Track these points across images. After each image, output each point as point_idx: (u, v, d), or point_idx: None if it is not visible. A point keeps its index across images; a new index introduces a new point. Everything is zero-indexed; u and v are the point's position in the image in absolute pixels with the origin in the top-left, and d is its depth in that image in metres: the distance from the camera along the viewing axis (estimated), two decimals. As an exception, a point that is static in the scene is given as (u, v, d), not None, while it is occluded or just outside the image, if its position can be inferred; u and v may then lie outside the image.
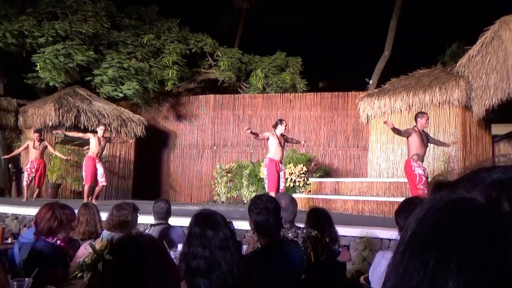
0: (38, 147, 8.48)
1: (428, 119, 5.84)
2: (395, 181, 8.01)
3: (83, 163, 7.71)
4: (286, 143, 6.84)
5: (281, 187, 6.51)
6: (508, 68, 6.97)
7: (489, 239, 0.31)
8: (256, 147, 11.19)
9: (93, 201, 6.89)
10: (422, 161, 5.71)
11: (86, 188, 7.52)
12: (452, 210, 0.35)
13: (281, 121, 6.75)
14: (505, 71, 7.03)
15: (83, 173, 7.63)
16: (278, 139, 6.55)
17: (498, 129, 8.92)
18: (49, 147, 8.68)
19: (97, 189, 7.64)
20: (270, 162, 6.44)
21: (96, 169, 7.52)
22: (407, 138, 5.74)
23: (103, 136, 7.71)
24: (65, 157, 9.01)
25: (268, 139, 6.60)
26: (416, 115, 5.97)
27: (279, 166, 6.52)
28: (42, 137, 8.70)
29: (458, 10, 14.17)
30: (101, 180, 7.58)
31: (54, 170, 9.91)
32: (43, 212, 2.57)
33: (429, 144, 5.94)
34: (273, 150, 6.52)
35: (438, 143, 6.36)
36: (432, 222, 0.35)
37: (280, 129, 6.62)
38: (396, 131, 5.77)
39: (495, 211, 0.32)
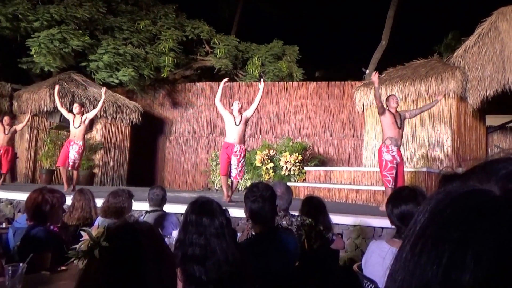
0: (7, 133, 8.23)
1: (394, 98, 5.65)
2: (389, 170, 8.05)
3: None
4: (245, 123, 6.15)
5: (233, 174, 6.01)
6: (504, 60, 6.99)
7: (507, 233, 0.30)
8: (252, 135, 11.20)
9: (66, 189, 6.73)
10: (397, 145, 5.52)
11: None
12: (467, 202, 0.33)
13: (236, 102, 6.26)
14: (501, 63, 7.05)
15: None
16: (234, 118, 6.04)
17: (492, 120, 8.97)
18: (19, 126, 8.45)
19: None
20: (223, 146, 6.11)
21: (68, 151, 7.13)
22: (380, 116, 5.58)
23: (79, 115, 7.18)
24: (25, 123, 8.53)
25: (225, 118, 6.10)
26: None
27: (232, 149, 5.99)
28: (12, 122, 8.51)
29: (455, 0, 14.10)
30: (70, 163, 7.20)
31: (48, 156, 9.88)
32: (34, 197, 2.57)
33: (404, 125, 5.67)
34: (227, 131, 6.09)
35: (424, 108, 5.94)
36: (445, 214, 0.33)
37: (234, 107, 6.13)
38: (377, 94, 5.48)
39: None
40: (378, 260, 2.11)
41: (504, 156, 0.36)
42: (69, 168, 7.29)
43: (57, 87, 7.77)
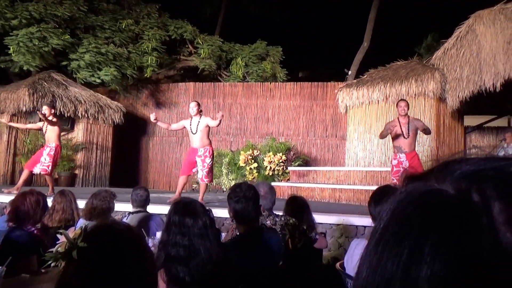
0: None
1: (401, 105, 5.64)
2: (371, 170, 8.20)
3: (50, 152, 6.67)
4: (206, 128, 5.97)
5: (199, 176, 6.02)
6: (481, 61, 7.19)
7: (460, 230, 0.32)
8: (235, 136, 11.20)
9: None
10: (403, 152, 5.56)
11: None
12: (424, 201, 0.35)
13: (191, 103, 6.08)
14: (478, 64, 7.25)
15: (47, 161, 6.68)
16: (190, 125, 5.97)
17: (470, 120, 9.20)
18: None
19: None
20: (189, 150, 6.16)
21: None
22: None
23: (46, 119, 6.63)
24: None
25: (184, 127, 6.14)
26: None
27: (196, 153, 5.98)
28: None
29: (434, 2, 14.42)
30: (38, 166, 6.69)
31: (28, 157, 9.65)
32: (27, 200, 2.53)
33: (416, 131, 5.61)
34: (189, 137, 6.14)
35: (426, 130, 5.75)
36: (405, 213, 0.35)
37: (190, 112, 5.99)
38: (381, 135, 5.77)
39: (465, 202, 0.33)
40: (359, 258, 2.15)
41: (460, 157, 0.38)
42: (42, 173, 6.78)
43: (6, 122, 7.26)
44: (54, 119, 6.78)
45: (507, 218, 0.31)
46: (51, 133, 6.79)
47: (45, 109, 6.62)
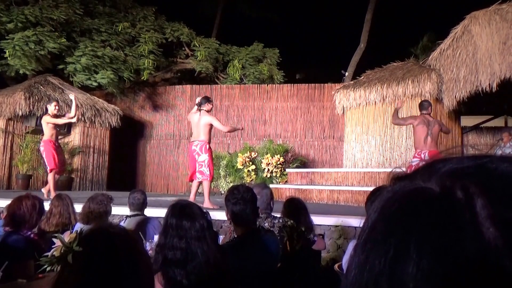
0: None
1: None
2: (369, 171, 8.20)
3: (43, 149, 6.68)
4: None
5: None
6: (477, 62, 7.22)
7: (444, 226, 0.32)
8: (233, 138, 11.19)
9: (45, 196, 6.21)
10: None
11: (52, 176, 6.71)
12: (410, 199, 0.36)
13: (207, 98, 5.90)
14: (474, 65, 7.28)
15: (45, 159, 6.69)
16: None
17: (467, 121, 9.24)
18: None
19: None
20: (210, 149, 5.93)
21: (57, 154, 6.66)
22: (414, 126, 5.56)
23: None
24: None
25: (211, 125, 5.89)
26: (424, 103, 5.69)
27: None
28: None
29: (430, 3, 14.49)
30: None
31: (24, 160, 9.63)
32: (23, 204, 2.51)
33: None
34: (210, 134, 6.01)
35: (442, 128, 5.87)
36: (391, 211, 0.36)
37: (207, 108, 5.86)
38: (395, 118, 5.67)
39: (449, 199, 0.34)
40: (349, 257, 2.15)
41: (444, 156, 0.39)
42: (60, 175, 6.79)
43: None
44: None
45: (489, 213, 0.32)
46: (60, 128, 6.97)
47: (54, 105, 6.80)
